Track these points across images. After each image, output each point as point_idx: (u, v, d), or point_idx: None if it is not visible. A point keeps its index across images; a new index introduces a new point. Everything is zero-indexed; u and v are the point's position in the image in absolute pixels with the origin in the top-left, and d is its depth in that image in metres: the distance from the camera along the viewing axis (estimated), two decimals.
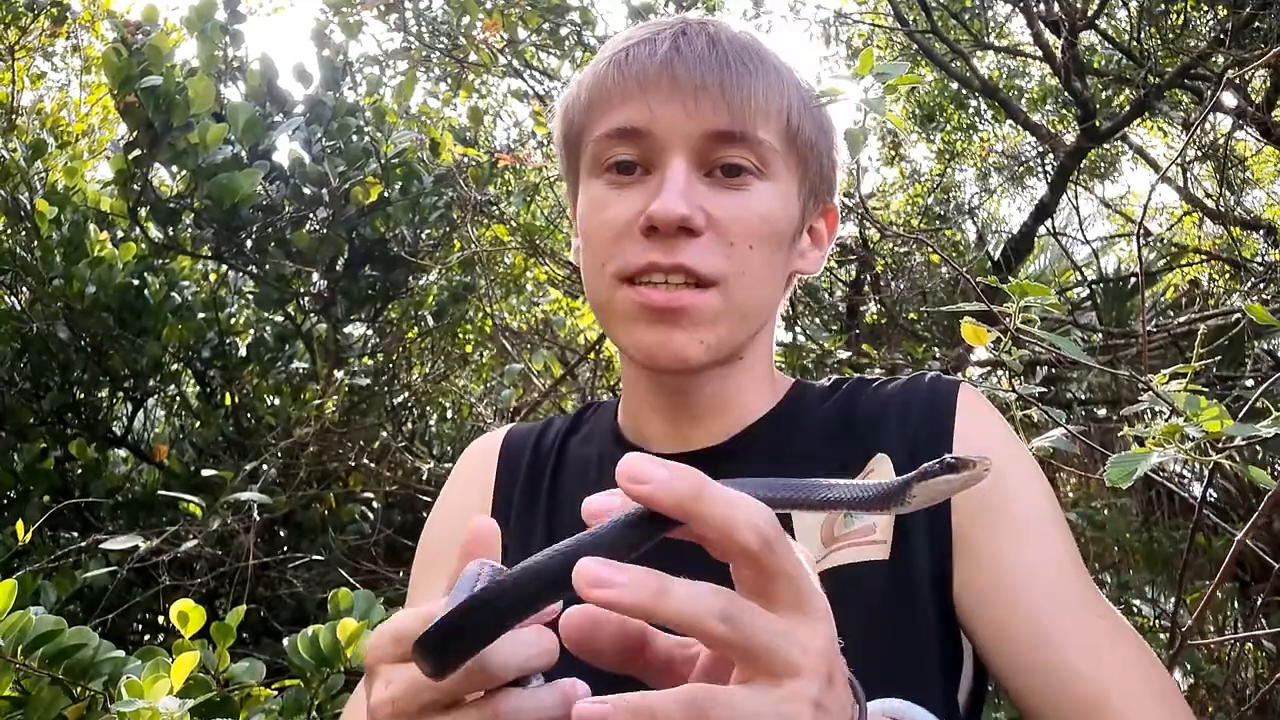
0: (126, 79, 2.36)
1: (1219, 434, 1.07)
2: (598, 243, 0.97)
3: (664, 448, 1.02)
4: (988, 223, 7.17)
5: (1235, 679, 2.95)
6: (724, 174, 0.94)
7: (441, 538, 1.08)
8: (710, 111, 0.93)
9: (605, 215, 0.96)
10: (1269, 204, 7.00)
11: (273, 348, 3.16)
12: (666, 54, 0.95)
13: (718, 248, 0.93)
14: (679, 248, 0.91)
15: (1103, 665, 0.83)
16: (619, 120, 0.95)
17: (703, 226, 0.92)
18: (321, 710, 1.33)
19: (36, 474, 2.82)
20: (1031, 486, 0.93)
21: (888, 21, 5.72)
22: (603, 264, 0.97)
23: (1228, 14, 4.31)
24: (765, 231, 0.95)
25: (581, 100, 1.00)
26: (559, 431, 1.12)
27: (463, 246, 3.13)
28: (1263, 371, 3.63)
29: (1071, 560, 0.90)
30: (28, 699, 1.18)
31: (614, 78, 0.96)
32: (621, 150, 0.95)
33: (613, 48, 1.00)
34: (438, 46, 3.97)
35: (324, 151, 2.76)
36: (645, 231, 0.92)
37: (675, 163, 0.93)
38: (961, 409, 0.96)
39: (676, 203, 0.90)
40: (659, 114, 0.93)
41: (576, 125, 1.01)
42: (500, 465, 1.10)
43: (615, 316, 0.97)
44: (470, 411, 3.46)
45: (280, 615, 2.66)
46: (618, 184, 0.96)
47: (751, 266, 0.94)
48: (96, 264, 2.75)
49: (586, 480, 1.04)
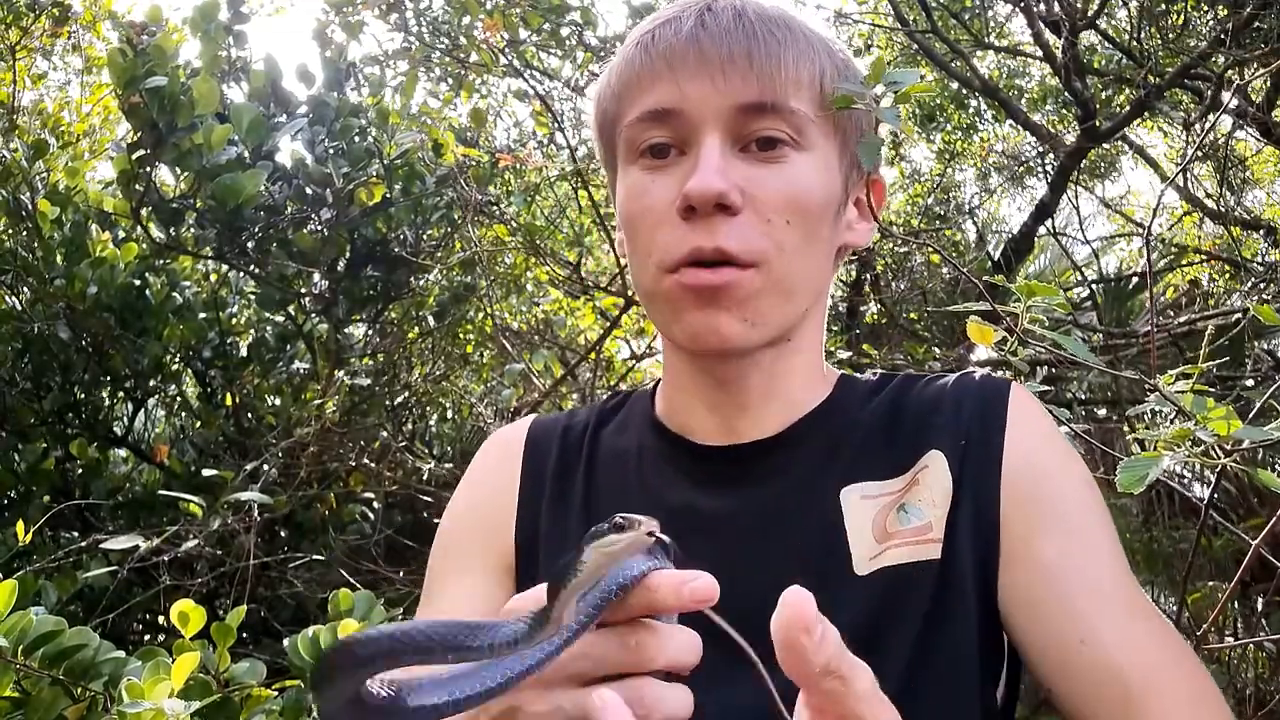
0: (131, 79, 2.36)
1: (1228, 437, 1.07)
2: (641, 233, 0.96)
3: (709, 439, 1.00)
4: (988, 223, 7.18)
5: (1237, 680, 2.95)
6: (759, 148, 0.93)
7: (463, 528, 1.06)
8: (740, 83, 0.91)
9: (644, 201, 0.95)
10: (1269, 204, 7.00)
11: (274, 348, 3.16)
12: (692, 30, 0.94)
13: (756, 225, 0.91)
14: (718, 229, 0.90)
15: (1147, 666, 0.82)
16: (650, 102, 0.94)
17: (739, 204, 0.90)
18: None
19: (38, 474, 2.82)
20: (1080, 487, 0.92)
21: (888, 21, 5.72)
22: (648, 256, 0.95)
23: (1228, 14, 4.31)
24: (804, 205, 0.93)
25: (612, 88, 0.99)
26: (587, 423, 1.09)
27: (463, 247, 3.14)
28: (1263, 371, 3.63)
29: (1119, 561, 0.89)
30: (28, 699, 1.18)
31: (642, 60, 0.96)
32: (655, 133, 0.94)
33: (639, 31, 0.99)
34: (438, 46, 3.97)
35: (327, 152, 2.76)
36: (683, 213, 0.91)
37: (709, 140, 0.91)
38: (1013, 408, 0.95)
39: (712, 180, 0.89)
40: (688, 91, 0.92)
41: (610, 114, 1.00)
42: (527, 456, 1.08)
43: (663, 303, 0.96)
44: (470, 412, 3.46)
45: (281, 615, 2.66)
46: (653, 168, 0.95)
47: (791, 242, 0.92)
48: (98, 264, 2.75)
49: (625, 470, 1.02)
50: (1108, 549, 0.89)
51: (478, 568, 1.03)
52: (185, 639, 1.27)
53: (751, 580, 0.92)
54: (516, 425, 1.14)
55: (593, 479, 1.04)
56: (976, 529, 0.89)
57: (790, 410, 0.99)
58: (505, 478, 1.07)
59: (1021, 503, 0.89)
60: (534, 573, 1.01)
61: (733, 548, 0.94)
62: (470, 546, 1.04)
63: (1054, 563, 0.87)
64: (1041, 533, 0.88)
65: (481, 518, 1.06)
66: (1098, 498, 0.93)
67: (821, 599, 0.85)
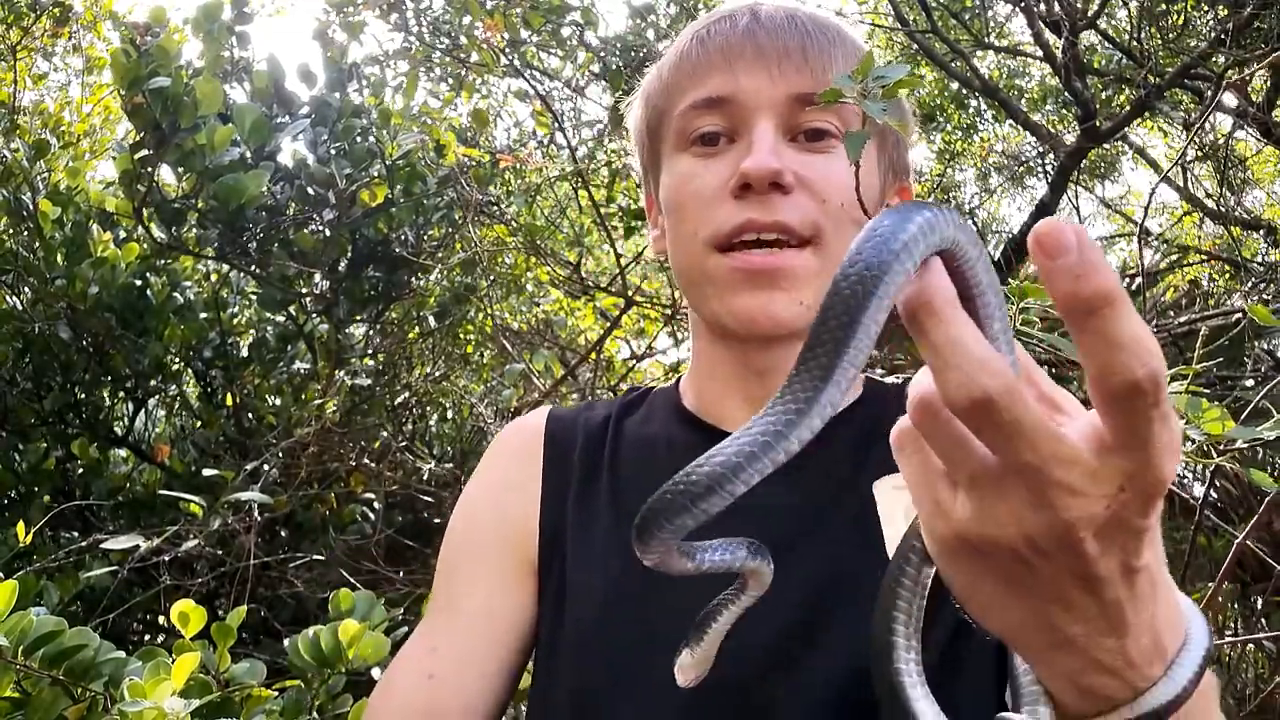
0: (134, 80, 2.36)
1: (1221, 437, 1.07)
2: (689, 210, 0.97)
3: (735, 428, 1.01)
4: (988, 223, 7.17)
5: (1237, 679, 2.95)
6: (808, 139, 0.95)
7: (480, 526, 1.05)
8: (795, 75, 0.94)
9: (695, 184, 0.97)
10: (1269, 204, 7.00)
11: (275, 348, 3.16)
12: (748, 25, 0.97)
13: (811, 204, 0.93)
14: (773, 205, 0.92)
15: None
16: (705, 90, 0.96)
17: (793, 184, 0.92)
18: (322, 711, 1.34)
19: (38, 474, 2.82)
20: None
21: (888, 21, 5.72)
22: (695, 231, 0.96)
23: (1228, 14, 4.31)
24: (852, 191, 0.94)
25: (664, 81, 1.02)
26: (608, 415, 1.09)
27: (464, 247, 3.14)
28: (1263, 372, 3.62)
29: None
30: (28, 700, 1.18)
31: (698, 52, 0.98)
32: (707, 121, 0.96)
33: (692, 29, 1.02)
34: (439, 46, 3.97)
35: (329, 153, 2.76)
36: (737, 192, 0.93)
37: (762, 124, 0.94)
38: None
39: (769, 158, 0.91)
40: (743, 81, 0.95)
41: (659, 108, 1.02)
42: (549, 443, 1.07)
43: (710, 285, 0.96)
44: (470, 412, 3.46)
45: (281, 615, 2.66)
46: (705, 155, 0.97)
47: (845, 225, 0.94)
48: (99, 264, 2.76)
49: (653, 458, 1.02)
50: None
51: (497, 569, 1.02)
52: (185, 639, 1.28)
53: (789, 571, 0.92)
54: (532, 416, 1.13)
55: (618, 469, 1.03)
56: None
57: None
58: (525, 470, 1.06)
59: None
60: (559, 566, 1.00)
61: (769, 538, 0.94)
62: (489, 546, 1.03)
63: None
64: None
65: (500, 513, 1.05)
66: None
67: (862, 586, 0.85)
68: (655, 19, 4.02)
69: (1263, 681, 2.98)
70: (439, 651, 1.00)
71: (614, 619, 0.94)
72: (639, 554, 0.61)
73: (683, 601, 0.81)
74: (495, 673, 0.99)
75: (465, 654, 0.99)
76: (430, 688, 0.97)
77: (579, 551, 0.99)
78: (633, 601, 0.94)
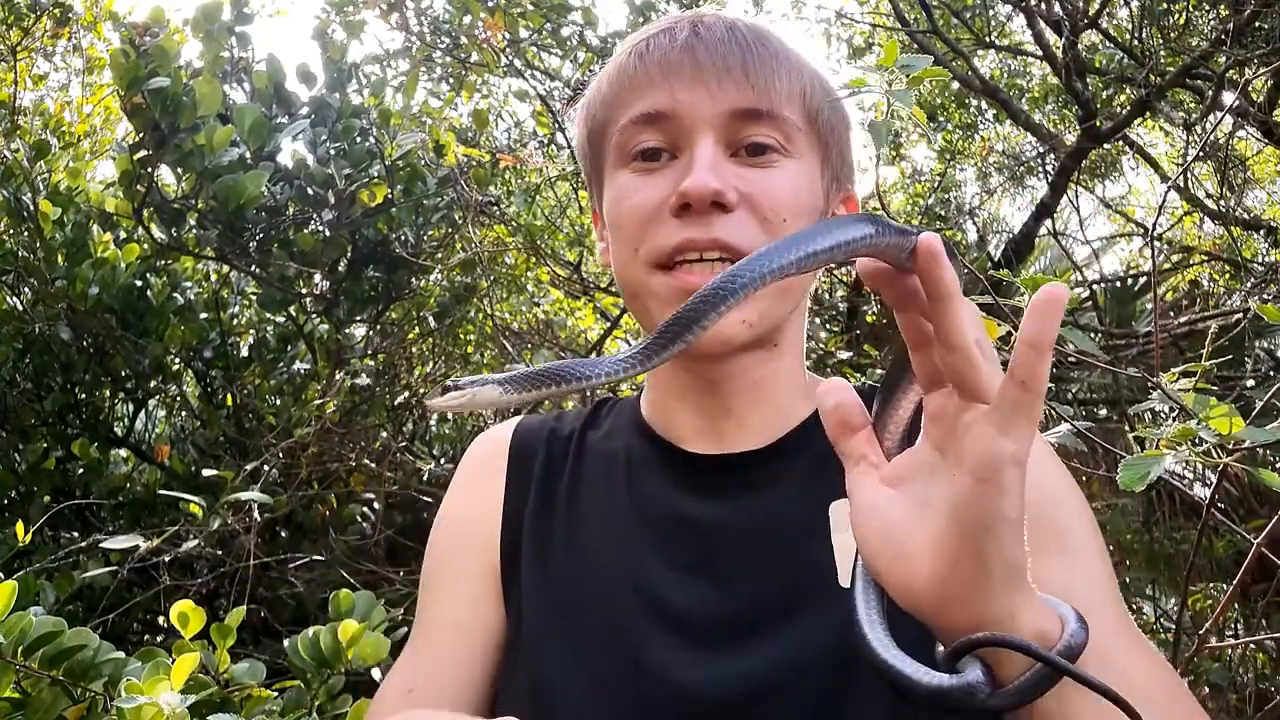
0: (134, 80, 2.35)
1: (1230, 437, 1.07)
2: (628, 228, 0.97)
3: (698, 446, 1.01)
4: (988, 223, 7.17)
5: (1237, 679, 2.95)
6: (749, 154, 0.94)
7: (449, 537, 1.07)
8: (734, 91, 0.93)
9: (634, 200, 0.96)
10: (1269, 204, 7.00)
11: (275, 348, 3.15)
12: (687, 40, 0.96)
13: (751, 222, 0.92)
14: (713, 224, 0.91)
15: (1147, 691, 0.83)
16: (643, 106, 0.96)
17: (735, 202, 0.92)
18: (322, 711, 1.33)
19: (38, 474, 2.82)
20: (1082, 512, 0.94)
21: (888, 21, 5.72)
22: (635, 249, 0.96)
23: (1229, 14, 4.31)
24: (797, 206, 0.95)
25: (603, 94, 1.01)
26: (574, 428, 1.10)
27: (464, 247, 3.13)
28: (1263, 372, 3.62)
29: (1114, 583, 0.91)
30: (28, 700, 1.18)
31: (636, 67, 0.97)
32: (647, 137, 0.96)
33: (631, 42, 1.01)
34: (439, 46, 3.96)
35: (329, 153, 2.76)
36: (677, 211, 0.92)
37: (703, 141, 0.93)
38: None
39: (709, 178, 0.90)
40: (682, 97, 0.94)
41: (599, 120, 1.01)
42: (512, 459, 1.08)
43: (652, 303, 0.96)
44: (471, 412, 3.46)
45: (281, 616, 2.66)
46: (645, 170, 0.96)
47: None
48: (99, 265, 2.75)
49: (612, 476, 1.03)
50: (1107, 571, 0.91)
51: (465, 580, 1.04)
52: (185, 639, 1.27)
53: (736, 586, 0.93)
54: (501, 428, 1.14)
55: (579, 482, 1.04)
56: None
57: (778, 419, 1.00)
58: (489, 482, 1.08)
59: (1035, 529, 0.90)
60: (519, 575, 1.01)
61: (720, 554, 0.95)
62: (458, 559, 1.05)
63: (1060, 585, 0.88)
64: (1054, 557, 0.89)
65: (466, 526, 1.06)
66: (1095, 525, 0.95)
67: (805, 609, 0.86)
68: (655, 17, 4.02)
69: (1263, 681, 2.97)
70: (417, 665, 1.03)
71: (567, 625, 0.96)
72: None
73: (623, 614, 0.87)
74: (469, 680, 1.00)
75: (438, 666, 1.01)
76: (410, 702, 0.99)
77: (536, 561, 1.00)
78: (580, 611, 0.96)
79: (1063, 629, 0.66)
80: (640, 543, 0.97)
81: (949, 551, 0.64)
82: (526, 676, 0.95)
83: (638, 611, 0.93)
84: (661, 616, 0.92)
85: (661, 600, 0.93)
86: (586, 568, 0.98)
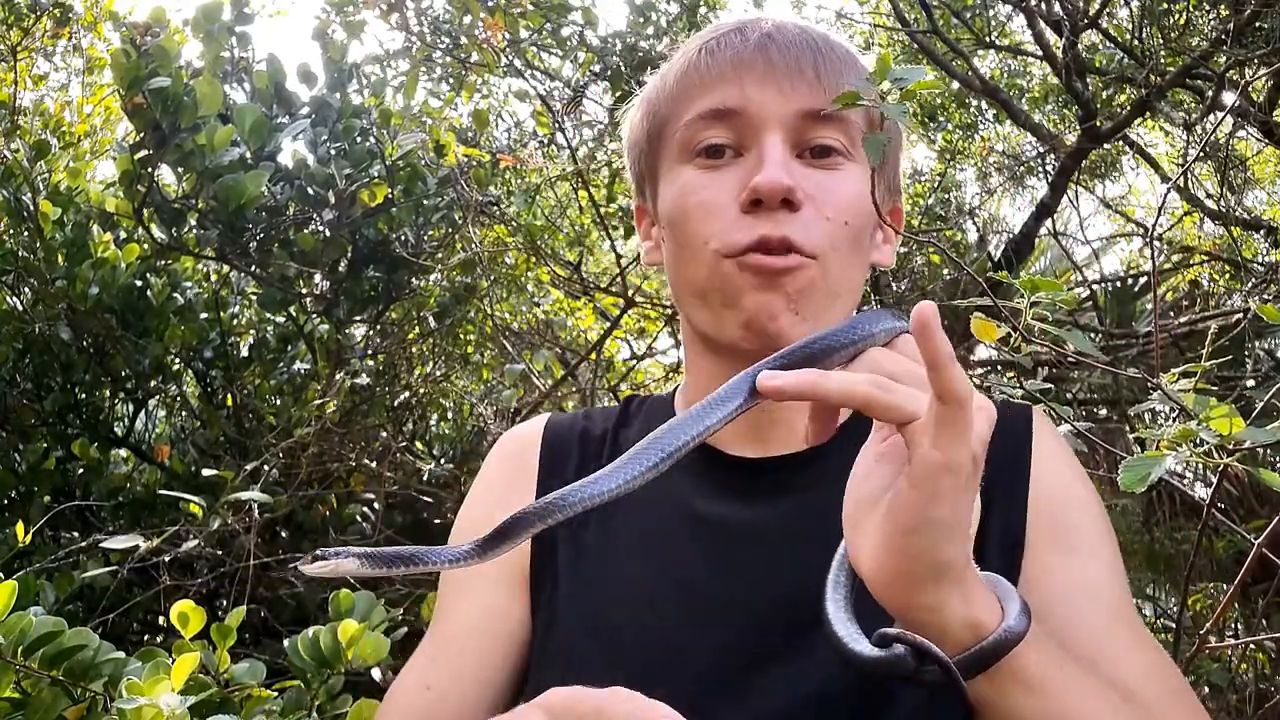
0: (134, 80, 2.35)
1: (1231, 437, 1.07)
2: (695, 226, 0.96)
3: (739, 449, 1.01)
4: (988, 223, 7.17)
5: (1237, 679, 2.95)
6: (814, 155, 0.95)
7: (476, 532, 1.05)
8: (806, 91, 0.94)
9: (701, 196, 0.96)
10: (1269, 204, 6.99)
11: (275, 348, 3.15)
12: (760, 39, 0.97)
13: (816, 222, 0.93)
14: (782, 221, 0.92)
15: (1154, 694, 0.84)
16: (712, 101, 0.96)
17: (802, 200, 0.92)
18: (322, 711, 1.33)
19: (38, 474, 2.82)
20: (1095, 512, 0.95)
21: (888, 21, 5.72)
22: (705, 241, 0.95)
23: (1229, 14, 4.31)
24: (857, 209, 0.95)
25: (669, 89, 1.01)
26: (605, 428, 1.09)
27: (464, 247, 3.13)
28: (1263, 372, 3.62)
29: (1121, 581, 0.92)
30: (28, 700, 1.18)
31: (706, 63, 0.98)
32: (713, 133, 0.96)
33: (701, 39, 1.01)
34: (439, 46, 3.96)
35: (329, 153, 2.76)
36: (747, 206, 0.92)
37: (771, 139, 0.93)
38: (1038, 433, 0.98)
39: (780, 174, 0.91)
40: (753, 95, 0.94)
41: (661, 115, 1.01)
42: (544, 453, 1.08)
43: (719, 292, 0.96)
44: (471, 412, 3.46)
45: (281, 616, 2.66)
46: (710, 167, 0.96)
47: (845, 243, 0.95)
48: (99, 265, 2.75)
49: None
50: (1118, 569, 0.92)
51: (491, 580, 1.02)
52: (185, 639, 1.27)
53: (773, 590, 0.92)
54: (530, 425, 1.13)
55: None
56: (1002, 548, 0.91)
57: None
58: (520, 481, 1.06)
59: (1045, 525, 0.92)
60: (551, 582, 1.00)
61: (760, 558, 0.94)
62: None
63: (1073, 580, 0.89)
64: (1061, 554, 0.90)
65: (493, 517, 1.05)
66: (1109, 524, 0.96)
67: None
68: (656, 16, 4.02)
69: (1263, 681, 2.97)
70: (436, 663, 1.01)
71: (602, 639, 0.95)
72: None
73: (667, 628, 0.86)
74: (490, 682, 0.99)
75: (460, 665, 1.00)
76: (428, 699, 0.98)
77: (569, 570, 0.99)
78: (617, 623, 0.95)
79: (1001, 620, 0.72)
80: (680, 548, 0.97)
81: (884, 540, 0.70)
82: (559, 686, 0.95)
83: (677, 618, 0.93)
84: (701, 622, 0.92)
85: (701, 605, 0.93)
86: (623, 582, 0.97)
